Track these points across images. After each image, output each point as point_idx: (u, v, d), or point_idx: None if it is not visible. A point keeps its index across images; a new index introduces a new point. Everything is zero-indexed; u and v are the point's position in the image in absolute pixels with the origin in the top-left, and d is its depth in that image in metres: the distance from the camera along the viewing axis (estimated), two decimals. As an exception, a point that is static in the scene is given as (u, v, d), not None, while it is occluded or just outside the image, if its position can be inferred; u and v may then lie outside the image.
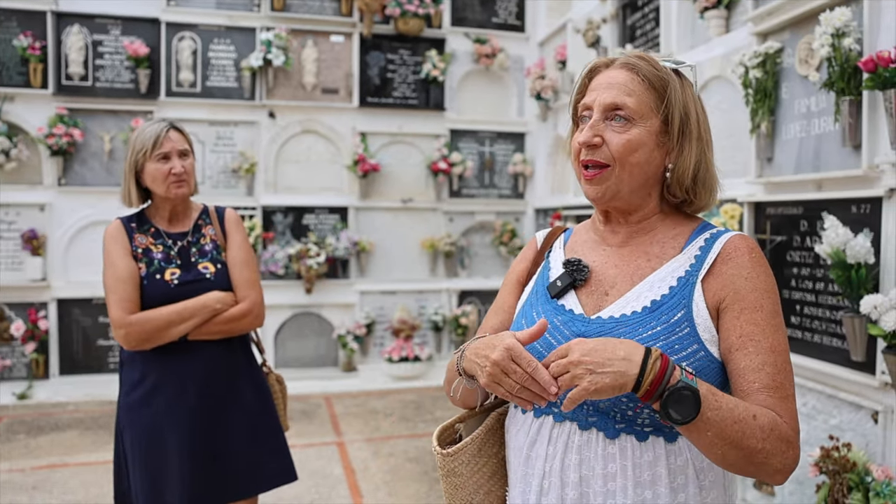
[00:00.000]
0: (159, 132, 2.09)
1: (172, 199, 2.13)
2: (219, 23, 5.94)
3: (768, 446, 1.01)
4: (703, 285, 1.11)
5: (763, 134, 3.16)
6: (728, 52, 3.55)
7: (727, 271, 1.11)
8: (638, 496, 1.07)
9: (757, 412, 1.02)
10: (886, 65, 2.39)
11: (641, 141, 1.12)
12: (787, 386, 1.06)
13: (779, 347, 1.08)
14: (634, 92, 1.12)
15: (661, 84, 1.13)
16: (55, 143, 5.41)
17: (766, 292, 1.10)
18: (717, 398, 0.99)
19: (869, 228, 2.56)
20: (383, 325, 6.27)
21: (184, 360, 2.08)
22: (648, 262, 1.16)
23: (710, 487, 1.10)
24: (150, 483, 2.05)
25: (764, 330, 1.07)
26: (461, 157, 6.39)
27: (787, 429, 1.03)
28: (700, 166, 1.16)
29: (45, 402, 5.18)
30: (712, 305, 1.10)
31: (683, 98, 1.14)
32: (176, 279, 2.09)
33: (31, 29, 5.47)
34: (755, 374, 1.05)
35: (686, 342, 1.08)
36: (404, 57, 6.38)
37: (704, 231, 1.18)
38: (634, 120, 1.12)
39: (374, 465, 4.04)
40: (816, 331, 2.89)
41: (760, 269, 1.12)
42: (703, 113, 1.18)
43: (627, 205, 1.18)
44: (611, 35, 4.90)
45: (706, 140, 1.18)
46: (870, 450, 2.57)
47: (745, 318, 1.08)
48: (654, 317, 1.09)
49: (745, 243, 1.14)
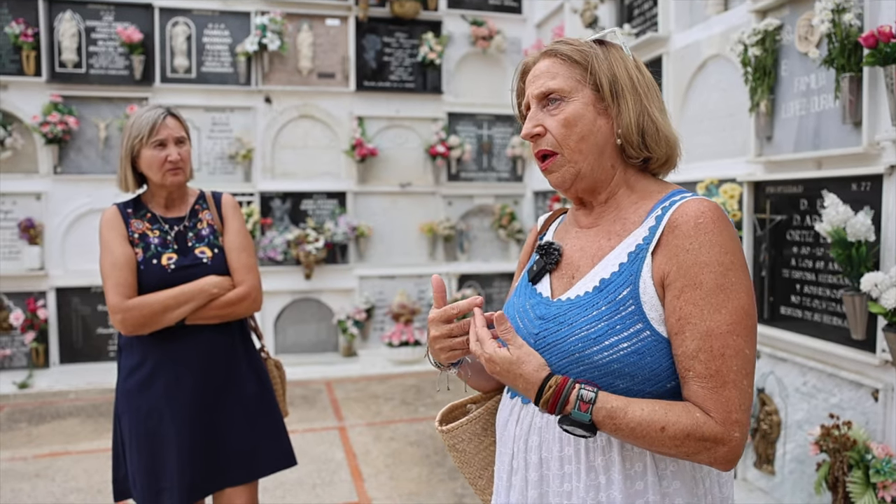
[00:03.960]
0: (156, 119, 2.06)
1: (168, 186, 2.11)
2: (213, 7, 5.89)
3: (685, 450, 0.99)
4: (652, 259, 1.06)
5: (762, 112, 3.14)
6: (727, 30, 3.51)
7: (672, 242, 1.04)
8: (591, 480, 1.07)
9: (668, 422, 0.98)
10: (887, 40, 2.36)
11: (578, 113, 1.13)
12: (726, 372, 0.99)
13: (717, 330, 1.00)
14: (558, 73, 1.15)
15: (581, 56, 1.15)
16: (50, 131, 5.37)
17: (706, 266, 1.01)
18: (617, 420, 0.99)
19: (869, 206, 2.54)
20: (383, 309, 6.27)
21: (182, 346, 2.07)
22: (609, 240, 1.14)
23: (671, 477, 1.07)
24: (148, 468, 2.05)
25: (702, 311, 1.00)
26: (459, 140, 6.35)
27: (713, 426, 0.98)
28: (643, 118, 1.13)
29: (46, 391, 5.18)
30: (658, 281, 1.05)
31: (609, 61, 1.14)
32: (173, 264, 2.07)
33: (22, 16, 5.42)
34: (690, 362, 1.01)
35: (629, 321, 1.04)
36: (401, 40, 6.33)
37: (668, 200, 1.11)
38: (566, 98, 1.14)
39: (375, 449, 4.05)
40: (817, 310, 2.88)
41: (705, 239, 1.02)
42: (636, 69, 1.16)
43: (593, 182, 1.16)
44: (608, 15, 4.86)
45: (643, 92, 1.14)
46: (870, 428, 2.57)
47: (685, 297, 1.02)
48: (601, 296, 1.08)
49: (694, 208, 1.05)
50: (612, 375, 1.04)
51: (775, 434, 3.10)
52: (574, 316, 1.09)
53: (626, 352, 1.03)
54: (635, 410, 1.00)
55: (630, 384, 1.03)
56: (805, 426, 2.92)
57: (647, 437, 0.99)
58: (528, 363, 1.05)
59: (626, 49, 1.17)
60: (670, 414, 0.99)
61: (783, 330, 3.04)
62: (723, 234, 1.03)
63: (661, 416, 0.99)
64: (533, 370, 1.04)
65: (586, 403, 1.00)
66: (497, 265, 6.54)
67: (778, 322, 3.11)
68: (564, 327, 1.09)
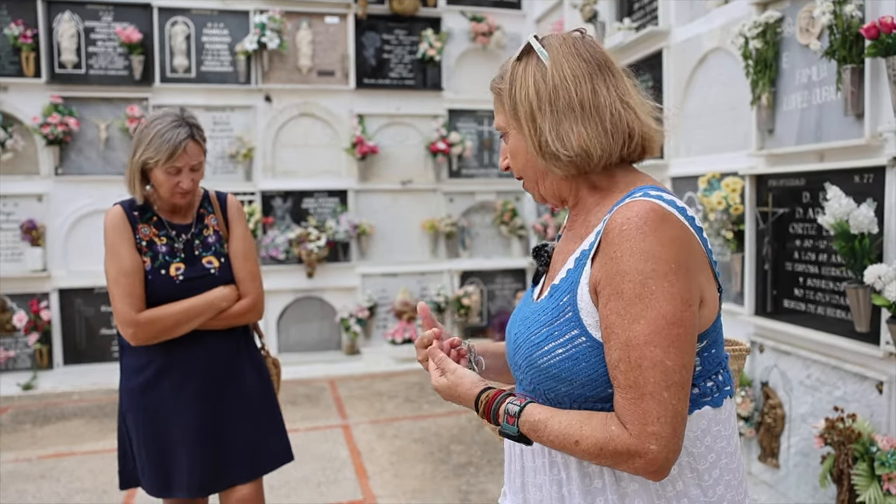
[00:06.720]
0: (177, 145, 1.97)
1: (174, 203, 2.10)
2: (211, 6, 5.88)
3: (605, 461, 1.00)
4: (591, 265, 1.05)
5: (764, 105, 3.13)
6: (727, 23, 3.50)
7: (603, 249, 1.02)
8: (554, 475, 1.11)
9: (581, 436, 1.00)
10: (889, 31, 2.36)
11: (515, 146, 1.17)
12: (643, 383, 0.96)
13: (635, 340, 0.97)
14: (498, 109, 1.20)
15: (498, 91, 1.18)
16: (50, 132, 5.37)
17: (626, 275, 0.98)
18: (539, 433, 1.05)
19: (872, 198, 2.54)
20: (385, 307, 6.27)
21: (187, 350, 2.08)
22: (574, 244, 1.14)
23: (629, 479, 1.06)
24: (156, 464, 2.07)
25: (623, 320, 0.98)
26: (460, 136, 6.34)
27: (625, 439, 0.97)
28: (541, 138, 1.09)
29: (50, 392, 5.19)
30: (592, 288, 1.04)
31: (512, 90, 1.13)
32: (181, 275, 2.06)
33: (21, 17, 5.42)
34: (613, 371, 1.00)
35: (566, 327, 1.05)
36: (400, 37, 6.32)
37: (622, 202, 1.05)
38: (507, 133, 1.18)
39: (379, 446, 4.06)
40: (820, 303, 2.88)
41: (626, 247, 0.98)
42: (539, 81, 1.10)
43: (559, 195, 1.18)
44: (608, 9, 4.84)
45: (542, 108, 1.09)
46: (874, 420, 2.56)
47: (609, 306, 1.00)
48: (550, 302, 1.09)
49: (622, 214, 1.00)
50: (553, 379, 1.06)
51: (779, 427, 3.10)
52: (532, 320, 1.12)
53: (561, 357, 1.04)
54: (554, 424, 1.03)
55: (570, 388, 1.05)
56: (809, 419, 2.91)
57: (566, 448, 1.02)
58: (462, 384, 1.15)
59: (542, 55, 1.11)
60: (585, 428, 1.00)
61: (786, 323, 3.04)
62: (647, 240, 0.98)
63: (575, 430, 1.01)
64: (467, 389, 1.14)
65: (512, 417, 1.07)
66: (499, 262, 6.54)
67: (781, 315, 3.10)
68: (525, 330, 1.12)
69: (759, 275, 3.22)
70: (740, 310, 3.35)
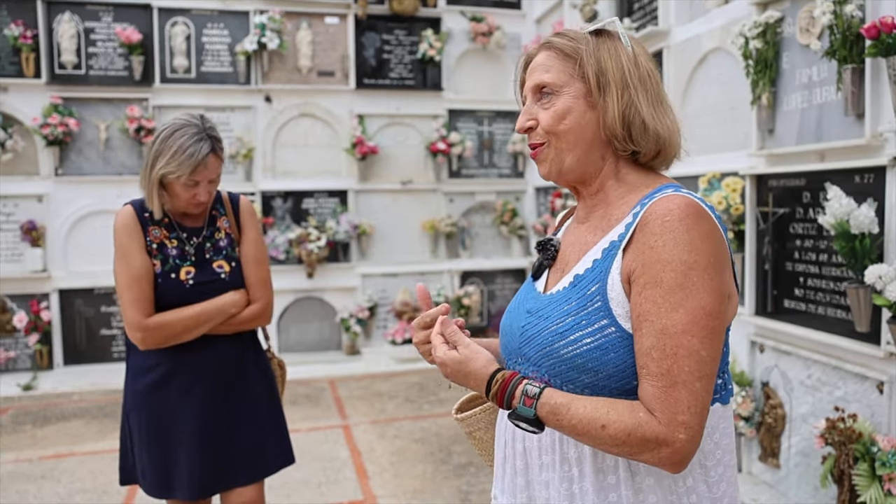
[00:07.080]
0: (199, 160, 1.93)
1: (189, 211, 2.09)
2: (211, 7, 5.88)
3: (628, 449, 0.98)
4: (623, 256, 1.05)
5: (764, 105, 3.13)
6: (727, 23, 3.50)
7: (640, 239, 1.03)
8: (565, 472, 1.09)
9: (609, 421, 0.98)
10: (890, 31, 2.35)
11: (567, 107, 1.13)
12: (677, 372, 0.97)
13: (672, 329, 0.98)
14: (552, 67, 1.15)
15: (572, 49, 1.15)
16: (50, 132, 5.37)
17: (668, 264, 0.99)
18: (560, 416, 1.02)
19: (873, 198, 2.53)
20: (386, 307, 6.27)
21: (195, 354, 2.07)
22: (594, 236, 1.14)
23: (645, 473, 1.06)
24: (157, 465, 2.06)
25: (660, 308, 0.99)
26: (460, 137, 6.34)
27: (655, 427, 0.97)
28: (629, 111, 1.11)
29: (51, 393, 5.19)
30: (625, 278, 1.04)
31: (598, 54, 1.13)
32: (191, 279, 2.05)
33: (21, 17, 5.42)
34: (644, 359, 1.00)
35: (595, 317, 1.04)
36: (400, 37, 6.32)
37: (652, 195, 1.09)
38: (558, 92, 1.14)
39: (379, 447, 4.05)
40: (820, 302, 2.87)
41: (670, 237, 1.00)
42: (631, 61, 1.14)
43: (581, 175, 1.16)
44: (608, 9, 4.84)
45: (634, 85, 1.12)
46: (875, 420, 2.56)
47: (645, 294, 1.00)
48: (574, 292, 1.09)
49: (664, 205, 1.03)
50: (577, 370, 1.05)
51: (780, 427, 3.10)
52: (550, 310, 1.10)
53: (589, 347, 1.04)
54: (578, 407, 1.01)
55: (594, 379, 1.04)
56: (810, 419, 2.91)
57: (588, 433, 1.00)
58: (476, 360, 1.10)
59: (625, 39, 1.15)
60: (612, 412, 0.99)
61: (787, 323, 3.04)
62: (690, 233, 1.00)
63: (602, 414, 0.99)
64: (481, 366, 1.10)
65: (531, 398, 1.03)
66: (499, 261, 6.54)
67: (782, 315, 3.10)
68: (542, 321, 1.11)
69: (760, 275, 3.22)
70: (740, 310, 3.35)
